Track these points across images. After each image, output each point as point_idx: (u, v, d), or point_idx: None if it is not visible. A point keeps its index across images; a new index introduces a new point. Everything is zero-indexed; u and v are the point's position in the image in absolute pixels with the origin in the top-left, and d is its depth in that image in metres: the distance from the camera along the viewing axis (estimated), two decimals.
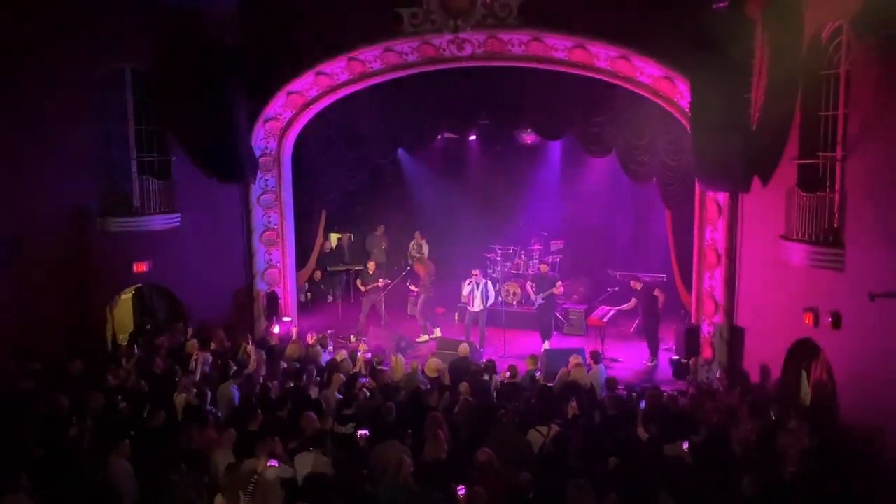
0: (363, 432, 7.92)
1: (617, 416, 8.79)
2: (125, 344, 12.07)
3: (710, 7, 9.85)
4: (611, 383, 10.10)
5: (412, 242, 18.55)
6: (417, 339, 14.89)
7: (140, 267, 12.81)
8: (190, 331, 12.61)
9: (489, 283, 14.51)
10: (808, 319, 9.26)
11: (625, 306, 14.07)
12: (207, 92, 12.10)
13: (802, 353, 9.86)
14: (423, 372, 11.07)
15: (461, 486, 6.49)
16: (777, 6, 9.26)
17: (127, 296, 13.60)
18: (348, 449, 7.60)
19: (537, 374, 10.73)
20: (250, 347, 11.50)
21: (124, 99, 12.69)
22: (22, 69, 11.44)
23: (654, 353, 13.46)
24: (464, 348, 11.61)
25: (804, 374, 10.05)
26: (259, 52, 12.65)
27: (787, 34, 9.16)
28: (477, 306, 14.25)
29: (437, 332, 14.97)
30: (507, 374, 10.47)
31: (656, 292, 13.55)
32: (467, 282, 14.49)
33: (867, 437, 8.05)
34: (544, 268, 15.16)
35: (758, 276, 11.01)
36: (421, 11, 11.79)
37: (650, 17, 11.04)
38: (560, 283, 14.58)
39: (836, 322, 8.77)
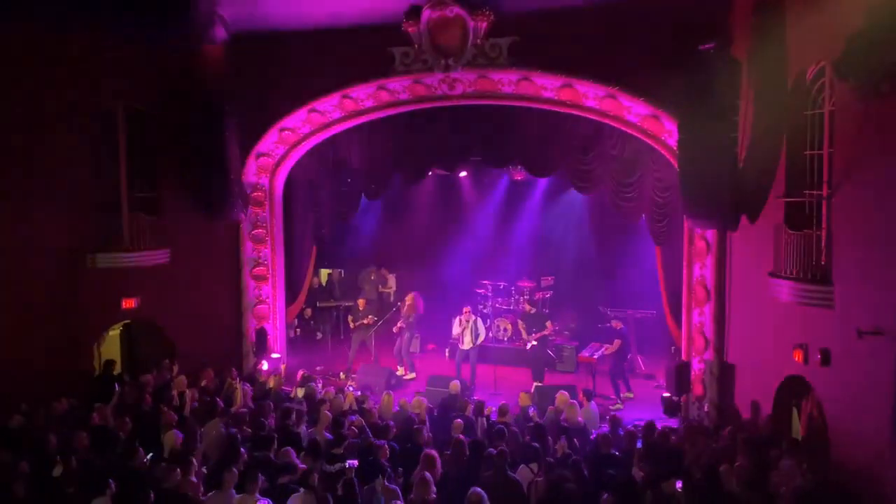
0: (352, 463, 7.82)
1: (610, 455, 8.72)
2: (97, 384, 11.74)
3: (696, 48, 10.03)
4: (614, 422, 10.04)
5: (376, 276, 18.44)
6: (405, 377, 14.80)
7: (129, 303, 12.73)
8: (176, 368, 12.46)
9: (479, 320, 14.48)
10: (798, 356, 9.27)
11: (606, 350, 13.95)
12: (199, 129, 12.19)
13: (793, 389, 9.85)
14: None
15: None
16: (762, 48, 9.46)
17: (115, 332, 13.48)
18: (336, 488, 7.48)
19: (531, 412, 10.65)
20: (237, 384, 11.36)
21: (116, 136, 12.72)
22: (14, 108, 11.48)
23: (616, 392, 13.54)
24: (454, 385, 11.52)
25: (795, 411, 10.03)
26: (252, 89, 12.78)
27: (772, 75, 9.35)
28: (467, 343, 14.21)
29: (412, 375, 14.88)
30: (497, 413, 10.36)
31: (615, 341, 13.74)
32: (457, 319, 14.47)
33: (858, 474, 8.01)
34: (529, 308, 15.14)
35: (748, 313, 11.04)
36: (413, 51, 11.99)
37: (637, 58, 11.23)
38: (549, 322, 14.56)
39: (826, 359, 8.77)
